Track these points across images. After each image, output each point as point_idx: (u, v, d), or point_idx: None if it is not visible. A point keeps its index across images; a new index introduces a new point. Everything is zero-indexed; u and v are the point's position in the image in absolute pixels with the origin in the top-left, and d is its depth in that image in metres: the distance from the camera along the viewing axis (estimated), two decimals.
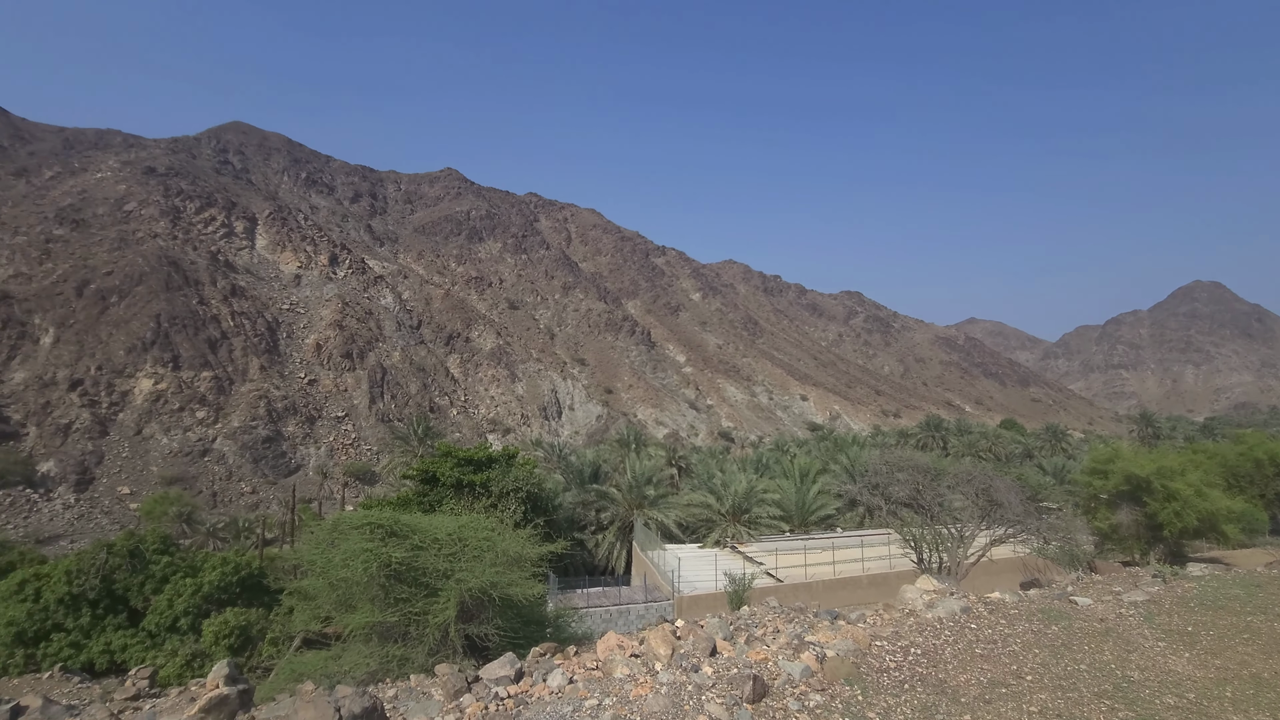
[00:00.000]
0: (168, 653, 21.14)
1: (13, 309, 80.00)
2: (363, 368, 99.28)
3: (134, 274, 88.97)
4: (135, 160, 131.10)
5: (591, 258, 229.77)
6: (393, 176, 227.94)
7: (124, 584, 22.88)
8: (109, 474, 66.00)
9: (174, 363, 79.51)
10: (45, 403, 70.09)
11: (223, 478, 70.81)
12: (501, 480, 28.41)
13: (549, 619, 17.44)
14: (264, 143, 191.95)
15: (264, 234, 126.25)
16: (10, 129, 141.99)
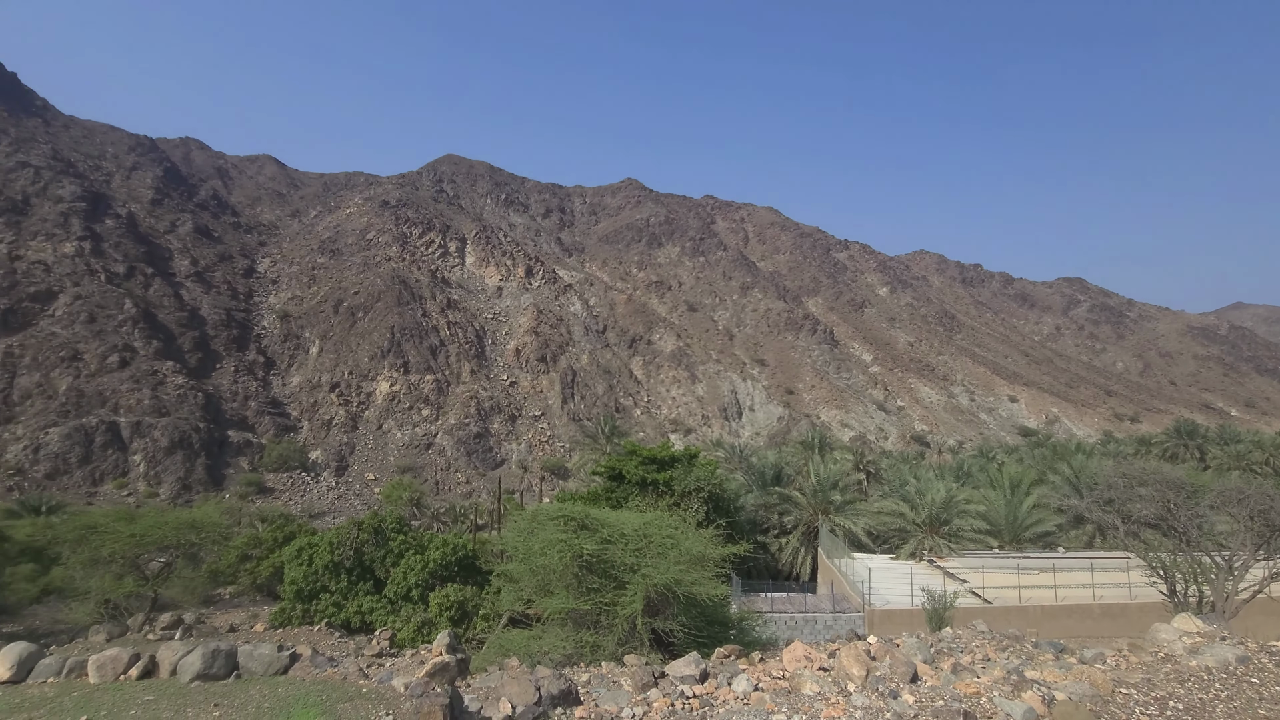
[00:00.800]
0: (403, 618, 24.42)
1: (290, 325, 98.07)
2: (555, 370, 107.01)
3: (374, 292, 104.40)
4: (374, 196, 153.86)
5: (770, 256, 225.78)
6: (579, 191, 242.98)
7: (370, 556, 26.84)
8: (359, 462, 78.11)
9: (405, 368, 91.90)
10: (314, 402, 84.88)
11: (443, 468, 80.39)
12: (684, 480, 28.93)
13: (732, 621, 17.39)
14: (470, 171, 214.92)
15: (472, 252, 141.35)
16: (287, 179, 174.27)
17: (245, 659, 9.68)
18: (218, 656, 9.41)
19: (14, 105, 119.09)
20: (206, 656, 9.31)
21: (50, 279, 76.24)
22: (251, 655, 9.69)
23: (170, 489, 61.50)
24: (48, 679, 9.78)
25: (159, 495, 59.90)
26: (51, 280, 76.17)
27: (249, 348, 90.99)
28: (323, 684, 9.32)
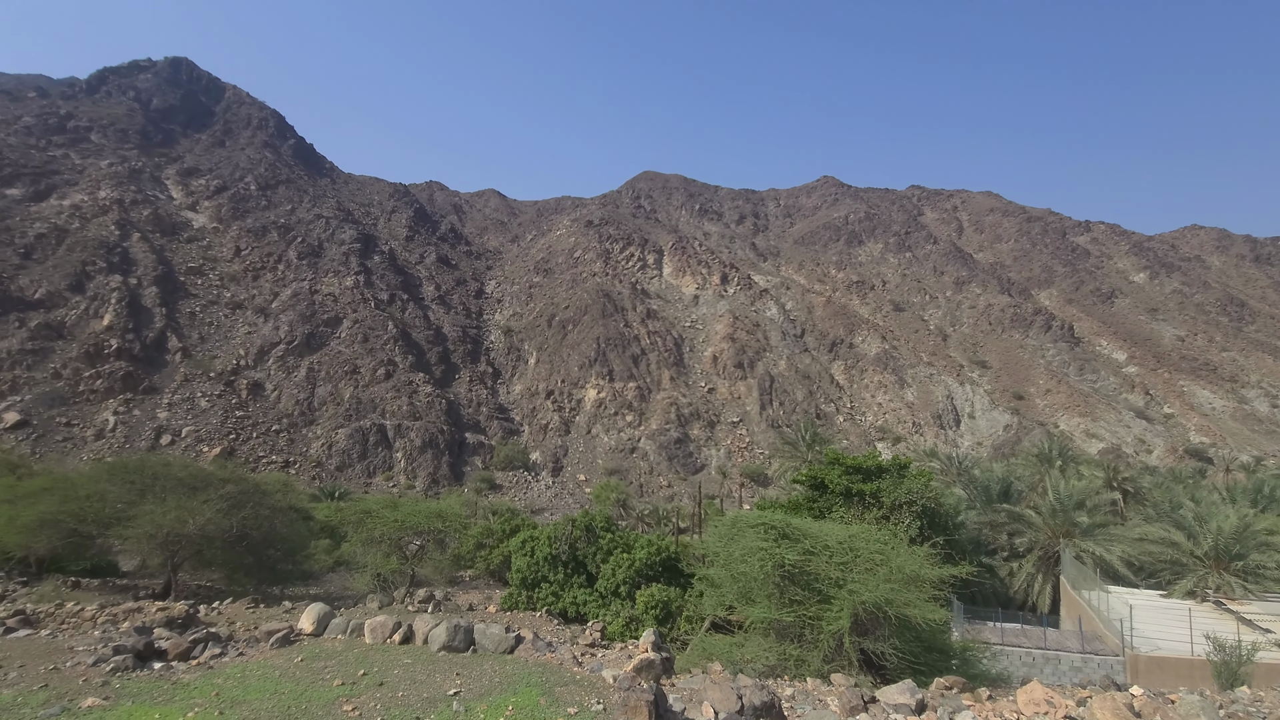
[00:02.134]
0: (613, 613, 25.87)
1: (513, 339, 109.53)
2: (752, 376, 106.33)
3: (582, 306, 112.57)
4: (579, 217, 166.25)
5: (989, 246, 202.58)
6: (772, 194, 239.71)
7: (583, 552, 28.85)
8: (571, 463, 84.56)
9: (610, 376, 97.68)
10: (533, 408, 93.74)
11: (646, 472, 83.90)
12: (893, 492, 27.00)
13: (954, 649, 15.81)
14: (666, 184, 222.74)
15: (669, 262, 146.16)
16: (508, 209, 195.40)
17: (480, 636, 10.98)
18: (459, 631, 10.80)
19: (311, 170, 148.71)
20: (450, 630, 10.74)
21: (337, 307, 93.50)
22: (485, 633, 10.96)
23: (423, 482, 71.80)
24: (337, 635, 11.98)
25: (415, 487, 70.23)
26: (338, 308, 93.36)
27: (480, 360, 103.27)
28: (542, 666, 10.25)
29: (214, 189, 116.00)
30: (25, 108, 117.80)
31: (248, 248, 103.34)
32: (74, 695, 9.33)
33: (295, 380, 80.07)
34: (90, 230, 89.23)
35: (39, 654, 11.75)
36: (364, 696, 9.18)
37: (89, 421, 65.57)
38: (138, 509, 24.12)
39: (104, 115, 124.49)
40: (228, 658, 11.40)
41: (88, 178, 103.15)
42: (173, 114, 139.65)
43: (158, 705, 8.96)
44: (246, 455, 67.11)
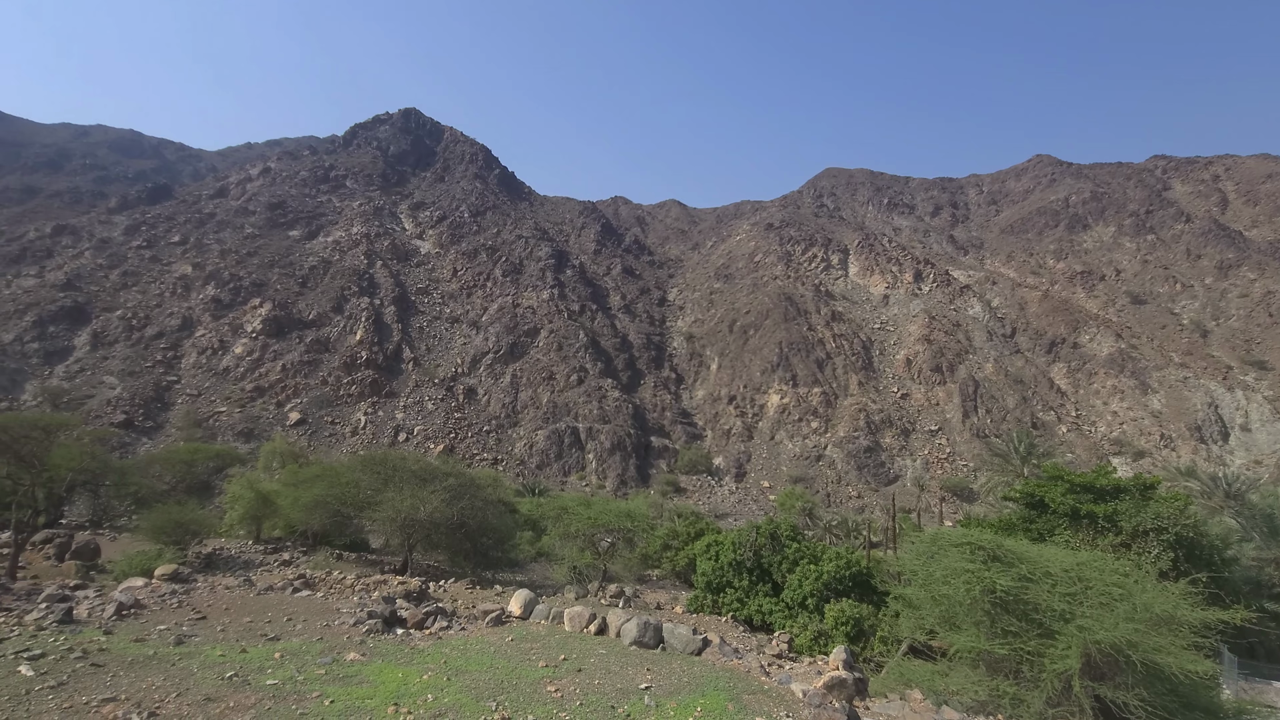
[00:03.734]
0: (799, 625, 25.12)
1: (694, 345, 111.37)
2: (953, 381, 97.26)
3: (763, 311, 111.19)
4: (759, 221, 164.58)
5: (1267, 221, 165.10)
6: (973, 181, 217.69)
7: (768, 560, 28.41)
8: (755, 469, 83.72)
9: (793, 381, 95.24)
10: (715, 414, 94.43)
11: (833, 481, 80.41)
12: (1135, 515, 23.07)
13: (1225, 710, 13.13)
14: (850, 180, 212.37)
15: (855, 262, 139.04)
16: (688, 218, 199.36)
17: (668, 635, 11.34)
18: (648, 629, 11.25)
19: (513, 195, 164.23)
20: (640, 627, 11.22)
21: (535, 319, 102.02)
22: (673, 633, 11.30)
23: (612, 483, 75.58)
24: (540, 620, 13.11)
25: (605, 487, 74.17)
26: (536, 320, 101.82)
27: (663, 366, 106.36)
28: (730, 672, 10.31)
29: (436, 219, 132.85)
30: (301, 164, 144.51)
31: (462, 269, 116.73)
32: (341, 649, 11.20)
33: (501, 386, 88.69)
34: (346, 261, 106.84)
35: (316, 612, 14.29)
36: (565, 680, 9.91)
37: (346, 420, 78.38)
38: (382, 495, 28.28)
39: (355, 164, 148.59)
40: (452, 630, 12.98)
41: (344, 217, 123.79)
42: (405, 157, 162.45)
43: (400, 666, 10.44)
44: (463, 452, 75.66)
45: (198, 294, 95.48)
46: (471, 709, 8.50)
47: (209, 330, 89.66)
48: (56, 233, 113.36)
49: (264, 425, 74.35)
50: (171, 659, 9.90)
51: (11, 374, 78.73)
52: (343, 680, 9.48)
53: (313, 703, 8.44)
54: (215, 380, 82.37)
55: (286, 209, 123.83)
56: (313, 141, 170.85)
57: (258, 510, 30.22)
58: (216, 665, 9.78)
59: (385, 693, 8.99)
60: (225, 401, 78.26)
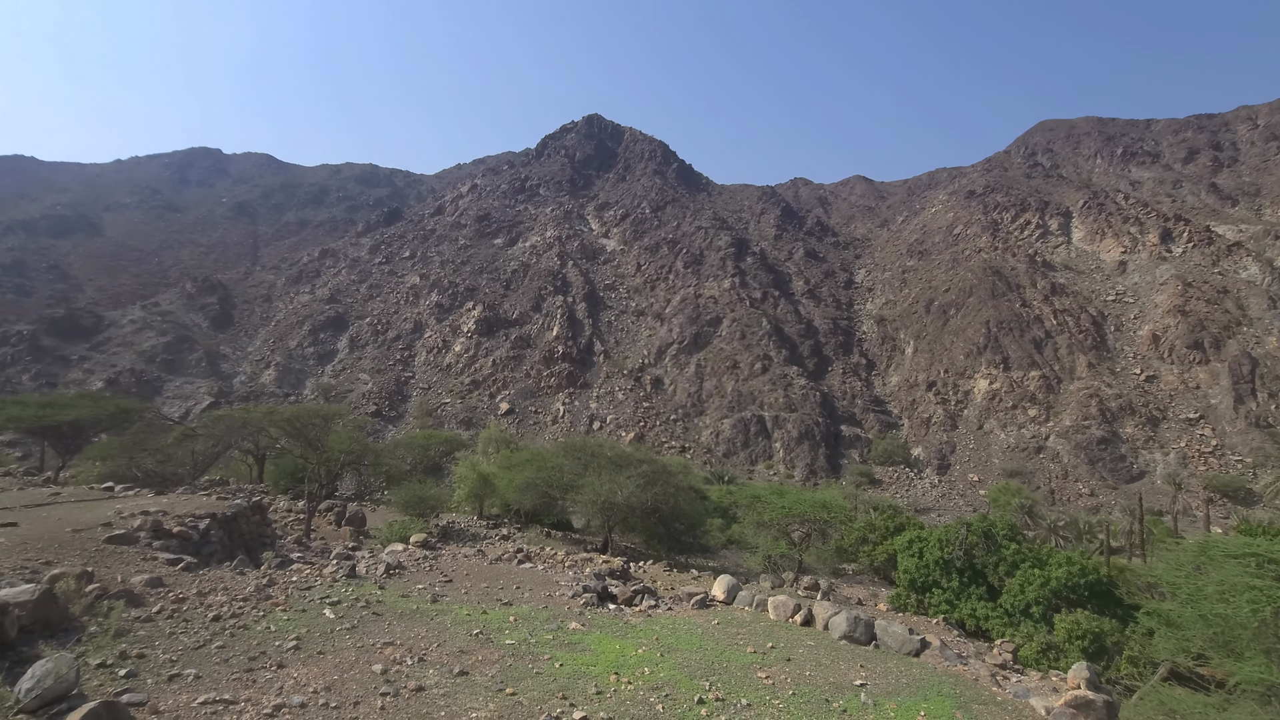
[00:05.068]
0: (1024, 634, 22.64)
1: (886, 329, 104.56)
2: (1219, 359, 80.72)
3: (965, 288, 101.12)
4: (958, 189, 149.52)
5: None
6: (1244, 114, 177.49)
7: (981, 560, 25.96)
8: (960, 461, 76.72)
9: (1004, 364, 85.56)
10: (912, 401, 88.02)
11: (1058, 476, 71.03)
12: None
13: None
14: (1070, 133, 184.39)
15: (1079, 226, 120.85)
16: (874, 193, 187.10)
17: (881, 632, 10.88)
18: (859, 624, 10.89)
19: (691, 187, 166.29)
20: (850, 621, 10.89)
21: (717, 309, 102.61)
22: (886, 630, 10.81)
23: (801, 473, 73.82)
24: (744, 606, 13.28)
25: (793, 477, 72.70)
26: (718, 309, 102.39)
27: (852, 352, 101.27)
28: (954, 678, 9.63)
29: (619, 217, 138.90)
30: (501, 178, 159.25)
31: (645, 263, 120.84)
32: (563, 618, 12.29)
33: (686, 375, 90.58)
34: (542, 263, 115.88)
35: (538, 583, 15.82)
36: (774, 668, 9.95)
37: (547, 410, 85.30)
38: (583, 480, 30.37)
39: (546, 173, 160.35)
40: (660, 610, 13.64)
41: (539, 223, 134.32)
42: (589, 161, 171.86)
43: (617, 638, 11.20)
44: (653, 440, 78.60)
45: (424, 300, 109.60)
46: (686, 686, 8.88)
47: (434, 332, 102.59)
48: (322, 256, 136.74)
49: (480, 414, 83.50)
50: (430, 614, 11.56)
51: (296, 373, 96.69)
52: (568, 647, 10.41)
53: (545, 664, 9.37)
54: (441, 375, 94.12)
55: (491, 220, 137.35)
56: (510, 156, 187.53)
57: (480, 490, 34.03)
58: (465, 623, 11.24)
59: (606, 662, 9.72)
60: (449, 394, 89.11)
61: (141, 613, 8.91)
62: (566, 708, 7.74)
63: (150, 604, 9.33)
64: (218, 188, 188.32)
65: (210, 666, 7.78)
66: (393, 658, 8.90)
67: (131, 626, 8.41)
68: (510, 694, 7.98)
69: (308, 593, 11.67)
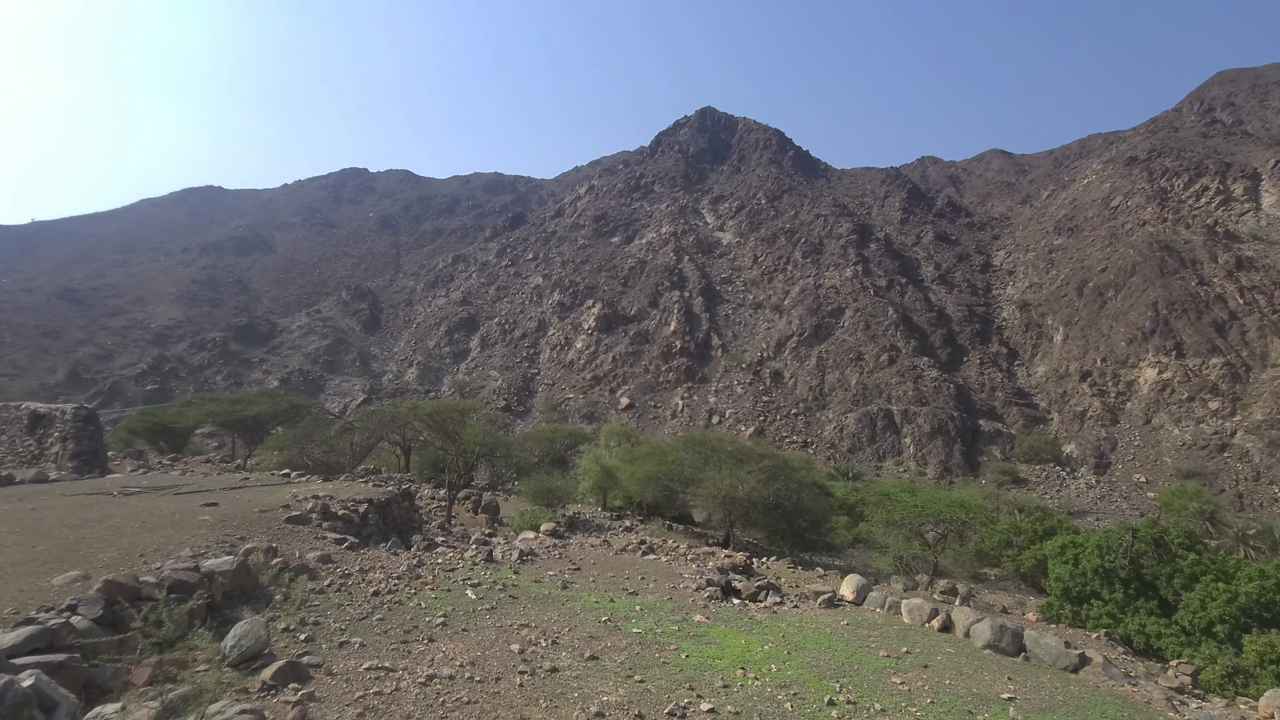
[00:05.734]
0: (1205, 656, 19.99)
1: (1030, 314, 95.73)
2: None
3: (1126, 266, 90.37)
4: (1115, 156, 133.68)
5: None
6: None
7: (1151, 571, 23.18)
8: (1123, 460, 68.82)
9: (1177, 350, 75.65)
10: (1062, 392, 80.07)
11: (1247, 478, 61.86)
12: None
13: None
14: (1256, 83, 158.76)
15: (1272, 189, 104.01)
16: (1014, 168, 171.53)
17: (1031, 644, 10.03)
18: (1005, 633, 10.10)
19: (809, 174, 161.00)
20: (995, 630, 10.13)
21: (839, 299, 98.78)
22: (1038, 642, 9.95)
23: (934, 470, 69.47)
24: (875, 608, 12.74)
25: (926, 475, 68.57)
26: (839, 300, 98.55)
27: (991, 340, 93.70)
28: (1121, 699, 8.68)
29: (734, 209, 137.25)
30: (617, 177, 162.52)
31: (762, 254, 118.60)
32: (688, 610, 12.41)
33: (807, 368, 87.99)
34: (658, 259, 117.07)
35: (662, 574, 16.07)
36: (910, 674, 9.49)
37: (666, 404, 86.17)
38: (703, 474, 30.43)
39: (660, 169, 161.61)
40: (785, 606, 13.41)
41: (654, 220, 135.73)
42: (703, 155, 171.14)
43: (742, 633, 11.15)
44: (773, 435, 77.15)
45: (547, 299, 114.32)
46: (815, 685, 8.69)
47: (557, 330, 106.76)
48: (454, 261, 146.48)
49: (602, 409, 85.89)
50: (561, 599, 12.10)
51: (435, 371, 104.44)
52: (694, 638, 10.51)
53: (671, 654, 9.52)
54: (564, 371, 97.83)
55: (608, 219, 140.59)
56: (625, 155, 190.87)
57: (603, 482, 35.05)
58: (593, 609, 11.65)
59: (732, 656, 9.72)
60: (572, 389, 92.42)
61: (315, 585, 10.04)
62: (694, 699, 7.83)
63: (322, 578, 10.50)
64: (365, 204, 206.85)
65: (372, 636, 8.63)
66: (528, 639, 9.42)
67: (308, 597, 9.50)
68: (639, 681, 8.20)
69: (451, 574, 12.61)
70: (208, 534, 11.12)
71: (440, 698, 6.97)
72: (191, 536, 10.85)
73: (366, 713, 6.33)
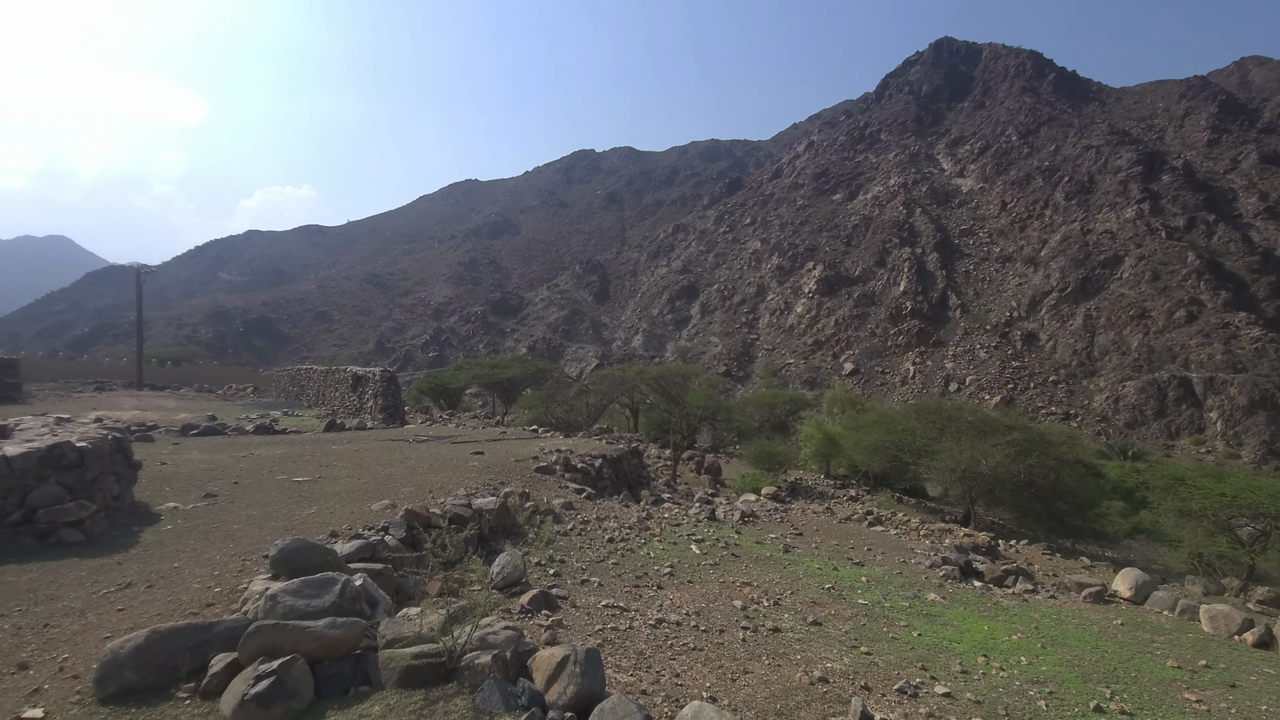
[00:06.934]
0: None
1: None
2: None
3: None
4: None
5: None
6: None
7: None
8: None
9: None
10: None
11: None
12: None
13: None
14: None
15: None
16: None
17: None
18: None
19: (1075, 100, 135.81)
20: None
21: (1115, 245, 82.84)
22: None
23: (1253, 452, 55.79)
24: (1162, 610, 10.72)
25: (1240, 457, 55.35)
26: (1116, 246, 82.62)
27: None
28: None
29: (977, 151, 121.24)
30: (838, 130, 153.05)
31: (1012, 200, 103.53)
32: (920, 587, 11.66)
33: (1070, 329, 75.63)
34: (886, 214, 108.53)
35: (890, 547, 15.26)
36: (1209, 692, 7.92)
37: (895, 370, 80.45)
38: (938, 445, 27.95)
39: (887, 116, 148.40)
40: (1039, 596, 11.92)
41: (880, 172, 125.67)
42: (938, 94, 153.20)
43: (984, 619, 10.19)
44: (1025, 405, 67.99)
45: (765, 264, 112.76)
46: (1077, 687, 7.64)
47: (776, 294, 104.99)
48: (675, 231, 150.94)
49: (824, 374, 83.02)
50: (782, 562, 12.11)
51: (659, 338, 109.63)
52: (926, 617, 9.85)
53: (901, 630, 9.04)
54: (784, 336, 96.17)
55: (829, 176, 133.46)
56: (848, 105, 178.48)
57: (825, 449, 33.95)
58: (816, 575, 11.49)
59: (971, 641, 8.94)
60: (792, 354, 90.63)
61: (559, 528, 11.29)
62: (927, 679, 7.37)
63: (565, 522, 11.76)
64: (593, 182, 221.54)
65: (608, 578, 9.48)
66: (750, 597, 9.62)
67: (554, 538, 10.73)
68: (865, 652, 7.93)
69: (677, 528, 13.30)
70: (476, 477, 13.06)
71: (668, 640, 7.45)
72: (464, 478, 12.84)
73: (605, 644, 7.01)
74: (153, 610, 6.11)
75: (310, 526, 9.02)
